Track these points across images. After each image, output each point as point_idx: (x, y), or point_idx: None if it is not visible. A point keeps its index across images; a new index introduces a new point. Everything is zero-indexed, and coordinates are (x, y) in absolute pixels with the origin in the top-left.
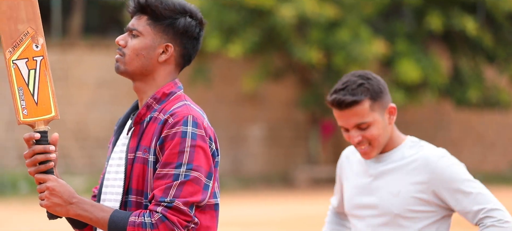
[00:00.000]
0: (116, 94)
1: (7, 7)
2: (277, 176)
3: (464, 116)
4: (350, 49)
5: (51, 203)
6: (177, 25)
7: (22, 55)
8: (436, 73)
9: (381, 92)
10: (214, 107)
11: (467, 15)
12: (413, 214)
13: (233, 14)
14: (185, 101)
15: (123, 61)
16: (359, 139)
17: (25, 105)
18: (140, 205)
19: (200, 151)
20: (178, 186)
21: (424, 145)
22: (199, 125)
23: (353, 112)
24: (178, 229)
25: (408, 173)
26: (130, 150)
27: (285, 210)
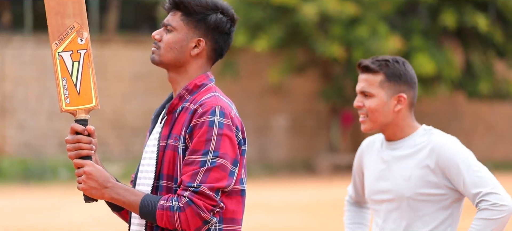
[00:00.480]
0: (150, 87)
1: (55, 3)
2: (300, 163)
3: (476, 107)
4: (368, 45)
5: (88, 186)
6: (209, 21)
7: (67, 48)
8: (449, 67)
9: (400, 78)
10: (242, 99)
11: (479, 13)
12: (425, 197)
13: (259, 11)
14: (214, 92)
15: (158, 53)
16: (358, 104)
17: (68, 95)
18: (171, 190)
19: (227, 139)
20: (205, 172)
21: (434, 132)
22: (226, 115)
23: (365, 78)
24: (204, 213)
25: (418, 158)
26: (162, 137)
27: (308, 195)
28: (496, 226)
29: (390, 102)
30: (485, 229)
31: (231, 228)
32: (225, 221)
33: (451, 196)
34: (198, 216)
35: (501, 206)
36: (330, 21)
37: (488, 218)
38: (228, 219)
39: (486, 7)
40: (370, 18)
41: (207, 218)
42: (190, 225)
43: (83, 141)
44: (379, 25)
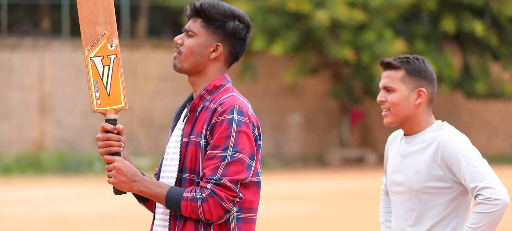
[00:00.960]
0: (176, 87)
1: (88, 12)
2: (313, 157)
3: (473, 105)
4: (375, 48)
5: (117, 180)
6: (227, 27)
7: (98, 53)
8: (449, 69)
9: (420, 73)
10: (259, 99)
11: (476, 19)
12: (432, 190)
13: (276, 18)
14: (232, 92)
15: (180, 59)
16: (381, 99)
17: (99, 96)
18: (193, 182)
19: (244, 135)
20: (225, 166)
21: (445, 128)
22: (243, 113)
23: (388, 74)
24: (225, 203)
25: (428, 153)
26: (185, 134)
27: (320, 186)
28: (491, 219)
29: (411, 97)
30: (480, 223)
31: (249, 216)
32: (243, 210)
33: (456, 189)
34: (220, 206)
35: (495, 200)
36: (340, 26)
37: (483, 212)
38: (245, 208)
39: (483, 14)
40: (377, 24)
41: (228, 208)
42: (213, 215)
43: (113, 139)
44: (385, 30)
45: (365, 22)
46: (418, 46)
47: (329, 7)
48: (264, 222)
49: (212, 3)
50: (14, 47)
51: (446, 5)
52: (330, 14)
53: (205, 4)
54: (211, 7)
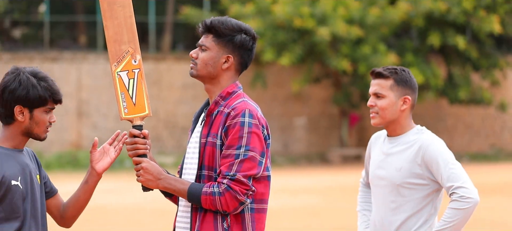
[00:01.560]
0: (196, 94)
1: (113, 32)
2: (316, 155)
3: (456, 110)
4: (371, 61)
5: (145, 178)
6: (235, 40)
7: (124, 68)
8: (435, 78)
9: (406, 83)
10: (269, 104)
11: (458, 35)
12: (411, 186)
13: (283, 33)
14: (243, 98)
15: (196, 69)
16: (371, 103)
17: (126, 106)
18: (211, 178)
19: (255, 136)
20: (239, 163)
21: (425, 132)
22: (254, 116)
23: (377, 82)
24: (240, 196)
25: (409, 153)
26: (202, 136)
27: (322, 181)
28: (463, 215)
29: (397, 103)
30: (454, 217)
31: (261, 206)
32: (255, 201)
33: (432, 186)
34: (235, 199)
35: (468, 198)
36: (340, 41)
37: (457, 208)
38: (258, 200)
39: (464, 30)
40: (372, 39)
41: (243, 200)
42: (229, 206)
43: (139, 142)
44: (379, 44)
45: (362, 37)
46: (408, 59)
47: (330, 24)
48: (273, 212)
49: (221, 19)
50: (55, 59)
51: (433, 22)
52: (331, 30)
53: (215, 21)
54: (220, 23)
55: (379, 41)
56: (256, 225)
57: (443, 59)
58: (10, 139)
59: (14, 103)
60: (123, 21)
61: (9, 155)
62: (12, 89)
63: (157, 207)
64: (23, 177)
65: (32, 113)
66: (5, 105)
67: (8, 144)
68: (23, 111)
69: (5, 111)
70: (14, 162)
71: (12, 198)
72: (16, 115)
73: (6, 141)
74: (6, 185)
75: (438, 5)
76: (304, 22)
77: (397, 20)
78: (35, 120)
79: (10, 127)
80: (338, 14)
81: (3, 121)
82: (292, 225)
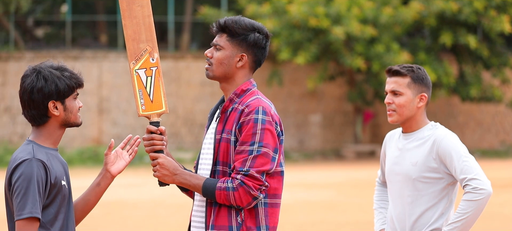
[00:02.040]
0: (214, 91)
1: (132, 31)
2: (331, 151)
3: (468, 107)
4: (384, 59)
5: (161, 174)
6: (249, 39)
7: (142, 66)
8: (447, 76)
9: (422, 81)
10: (285, 101)
11: (470, 34)
12: (426, 180)
13: (299, 33)
14: (257, 95)
15: (212, 69)
16: (389, 101)
17: (144, 103)
18: (226, 173)
19: (268, 132)
20: (252, 159)
21: (439, 128)
22: (267, 113)
23: (395, 80)
24: (253, 191)
25: (424, 148)
26: (217, 132)
27: (337, 176)
28: (477, 206)
29: (414, 100)
30: (468, 208)
31: (274, 201)
32: (269, 196)
33: (447, 180)
34: (249, 193)
35: (481, 190)
36: (354, 40)
37: (470, 199)
38: (271, 195)
39: (476, 29)
40: (385, 38)
41: (256, 195)
42: (243, 201)
43: (156, 139)
44: (392, 43)
45: (375, 36)
46: (420, 57)
47: (344, 24)
48: (289, 206)
49: (234, 19)
50: (77, 58)
51: (445, 22)
52: (345, 30)
53: (229, 21)
54: (234, 23)
55: (392, 40)
56: (269, 219)
57: (455, 57)
58: (49, 136)
59: (47, 100)
60: (142, 20)
61: (53, 154)
62: (40, 88)
63: (174, 201)
64: (66, 176)
65: (64, 104)
66: (38, 106)
67: (48, 142)
68: (57, 105)
69: (38, 112)
70: (58, 161)
71: (61, 198)
72: (51, 111)
73: (45, 139)
74: (58, 186)
75: (450, 5)
76: (319, 21)
77: (410, 19)
78: (69, 109)
79: (47, 125)
80: (352, 14)
81: (37, 121)
82: (307, 219)
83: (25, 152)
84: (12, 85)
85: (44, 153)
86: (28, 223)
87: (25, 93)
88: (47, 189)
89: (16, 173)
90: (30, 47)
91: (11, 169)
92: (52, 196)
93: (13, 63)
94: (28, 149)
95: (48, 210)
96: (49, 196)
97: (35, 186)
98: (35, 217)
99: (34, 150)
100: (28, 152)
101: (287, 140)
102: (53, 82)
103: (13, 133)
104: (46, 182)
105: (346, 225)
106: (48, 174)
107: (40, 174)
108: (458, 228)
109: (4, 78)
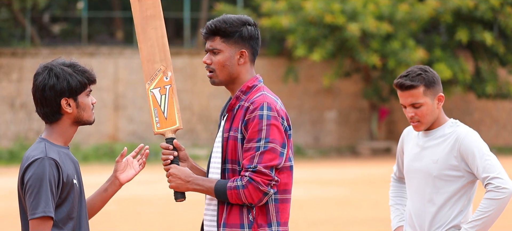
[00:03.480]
0: None
1: (146, 53)
2: (346, 148)
3: (483, 104)
4: (400, 56)
5: (175, 183)
6: (243, 34)
7: (156, 86)
8: (462, 73)
9: (434, 82)
10: (301, 98)
11: (486, 31)
12: (447, 178)
13: (315, 29)
14: (263, 91)
15: (216, 75)
16: (411, 115)
17: (158, 121)
18: (235, 171)
19: (274, 128)
20: (260, 155)
21: (460, 125)
22: (272, 108)
23: (410, 93)
24: (262, 187)
25: (445, 146)
26: (225, 130)
27: (352, 172)
28: (499, 205)
29: (434, 104)
30: (489, 207)
31: (284, 197)
32: (279, 192)
33: (467, 178)
34: (258, 189)
35: (503, 189)
36: (369, 36)
37: (492, 198)
38: (281, 190)
39: (492, 26)
40: (401, 35)
41: (266, 190)
42: (254, 198)
43: (170, 155)
44: (408, 40)
45: (391, 33)
46: (436, 54)
47: (360, 20)
48: (304, 203)
49: (223, 19)
50: (93, 54)
51: (461, 19)
52: (361, 26)
53: (218, 23)
54: (224, 23)
55: (408, 36)
56: (280, 215)
57: (471, 54)
58: (61, 134)
59: (59, 97)
60: (156, 42)
61: (65, 153)
62: (52, 85)
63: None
64: (77, 174)
65: (77, 101)
66: (50, 103)
67: (60, 140)
68: (69, 102)
69: (51, 109)
70: (69, 160)
71: (74, 197)
72: (64, 108)
73: (58, 137)
74: (70, 184)
75: (466, 1)
76: (335, 18)
77: (425, 16)
78: (81, 106)
79: (60, 123)
80: (368, 10)
81: (50, 119)
82: (322, 215)
83: (37, 151)
84: (28, 82)
85: (56, 152)
86: (41, 222)
87: (38, 91)
88: (59, 187)
89: (29, 172)
90: (46, 44)
91: (24, 167)
92: (65, 195)
93: (29, 59)
94: (40, 148)
95: (61, 209)
96: (61, 195)
97: (48, 185)
98: (48, 216)
99: (47, 148)
100: (41, 151)
101: (302, 136)
102: (64, 79)
103: (29, 129)
104: (58, 181)
105: (361, 222)
106: (60, 173)
107: (52, 173)
108: (479, 226)
109: (20, 75)
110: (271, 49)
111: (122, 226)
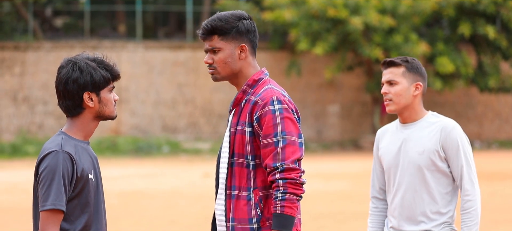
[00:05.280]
0: None
1: None
2: (349, 142)
3: (486, 98)
4: (402, 49)
5: None
6: (241, 29)
7: None
8: (465, 67)
9: (416, 70)
10: (303, 92)
11: (488, 24)
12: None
13: (318, 23)
14: (269, 85)
15: (217, 72)
16: (385, 91)
17: None
18: (242, 165)
19: (288, 120)
20: (281, 151)
21: (442, 117)
22: (282, 101)
23: (390, 71)
24: (297, 181)
25: (431, 136)
26: (232, 124)
27: (354, 166)
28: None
29: (410, 88)
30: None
31: None
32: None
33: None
34: (296, 184)
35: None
36: (372, 30)
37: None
38: None
39: (494, 20)
40: (404, 29)
41: (302, 181)
42: (297, 192)
43: None
44: (411, 34)
45: (394, 26)
46: (439, 48)
47: (363, 14)
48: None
49: (218, 17)
50: (95, 48)
51: (463, 12)
52: (364, 20)
53: (214, 22)
54: (219, 21)
55: (411, 30)
56: None
57: (473, 48)
58: (82, 128)
59: (82, 91)
60: None
61: (83, 147)
62: (76, 79)
63: (192, 191)
64: (94, 170)
65: (99, 96)
66: (73, 96)
67: (80, 135)
68: (92, 97)
69: (73, 102)
70: (87, 154)
71: (88, 191)
72: (86, 102)
73: (78, 131)
74: (84, 179)
75: None
76: (338, 12)
77: (428, 10)
78: (104, 101)
79: (81, 117)
80: (370, 4)
81: (71, 112)
82: (325, 209)
83: (54, 143)
84: (30, 75)
85: (73, 145)
86: (51, 215)
87: (61, 84)
88: (73, 181)
89: (43, 164)
90: (48, 37)
91: (39, 159)
92: (79, 189)
93: (31, 53)
94: (57, 140)
95: (74, 202)
96: (75, 189)
97: (60, 178)
98: (58, 209)
99: (63, 141)
100: (57, 144)
101: (305, 130)
102: (88, 73)
103: (31, 123)
104: (72, 175)
105: (363, 216)
106: (74, 167)
107: (66, 166)
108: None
109: (23, 68)
110: (274, 42)
111: (125, 220)
